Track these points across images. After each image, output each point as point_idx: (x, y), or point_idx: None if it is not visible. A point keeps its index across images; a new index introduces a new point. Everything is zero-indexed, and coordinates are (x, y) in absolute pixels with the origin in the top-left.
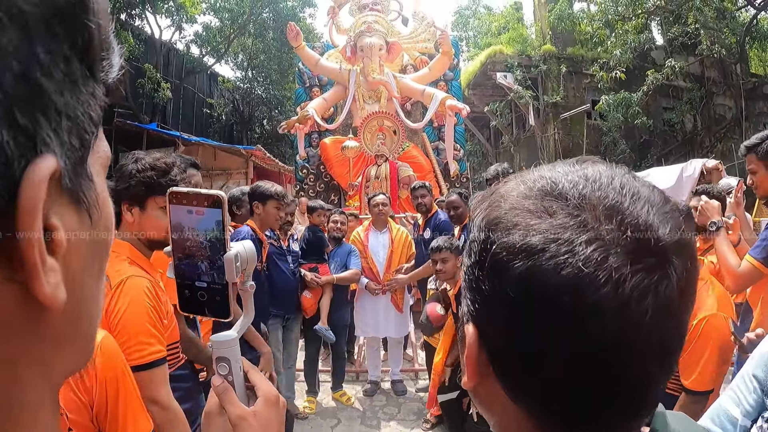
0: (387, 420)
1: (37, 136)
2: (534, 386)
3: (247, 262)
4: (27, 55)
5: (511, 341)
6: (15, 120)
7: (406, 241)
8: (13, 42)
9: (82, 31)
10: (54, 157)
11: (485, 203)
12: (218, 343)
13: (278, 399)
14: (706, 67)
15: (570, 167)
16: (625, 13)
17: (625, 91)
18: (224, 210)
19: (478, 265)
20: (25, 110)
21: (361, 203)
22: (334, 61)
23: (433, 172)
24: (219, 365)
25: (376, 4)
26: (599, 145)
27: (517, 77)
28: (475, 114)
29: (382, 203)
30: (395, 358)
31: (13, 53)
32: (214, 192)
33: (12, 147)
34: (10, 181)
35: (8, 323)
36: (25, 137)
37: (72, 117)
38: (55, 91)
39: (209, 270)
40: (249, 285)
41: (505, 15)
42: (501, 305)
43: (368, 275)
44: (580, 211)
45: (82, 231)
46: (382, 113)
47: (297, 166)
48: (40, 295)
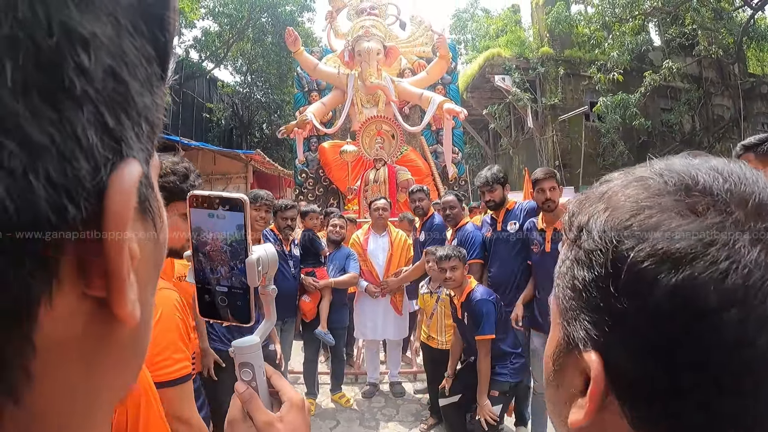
0: (385, 421)
1: (123, 139)
2: (675, 413)
3: (268, 265)
4: (118, 50)
5: (654, 367)
6: (103, 120)
7: (405, 245)
8: (107, 35)
9: (163, 30)
10: (139, 163)
11: (598, 205)
12: (241, 348)
13: (304, 403)
14: (704, 68)
15: (692, 160)
16: (622, 15)
17: (622, 93)
18: (247, 213)
19: (606, 280)
20: (113, 110)
21: (360, 207)
22: (333, 66)
23: (432, 176)
24: (242, 371)
25: (374, 8)
26: (598, 147)
27: (516, 80)
28: (474, 117)
29: (382, 208)
30: (394, 360)
31: (106, 48)
32: (237, 195)
33: (100, 150)
34: (97, 187)
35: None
36: (112, 140)
37: (149, 120)
38: (138, 92)
39: (230, 274)
40: (270, 289)
41: (502, 18)
42: (643, 325)
43: (368, 278)
44: (732, 208)
45: (149, 243)
46: (380, 117)
47: (296, 170)
48: (122, 312)
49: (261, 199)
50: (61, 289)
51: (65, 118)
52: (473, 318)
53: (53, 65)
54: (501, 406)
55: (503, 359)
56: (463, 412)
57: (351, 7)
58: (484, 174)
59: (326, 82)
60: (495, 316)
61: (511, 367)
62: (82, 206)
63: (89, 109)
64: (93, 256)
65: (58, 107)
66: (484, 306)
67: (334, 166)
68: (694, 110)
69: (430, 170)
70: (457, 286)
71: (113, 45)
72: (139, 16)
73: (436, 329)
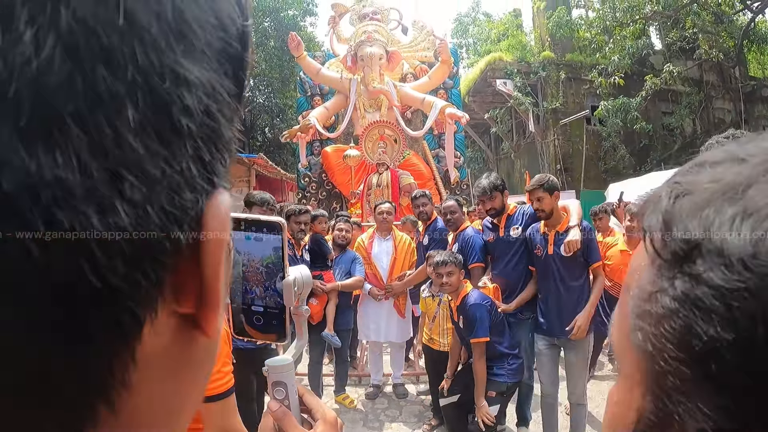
0: (389, 422)
1: (215, 171)
2: None
3: (303, 286)
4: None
5: None
6: (201, 155)
7: (409, 248)
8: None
9: (243, 69)
10: (227, 192)
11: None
12: (274, 368)
13: (336, 421)
14: (705, 71)
15: None
16: (623, 20)
17: (624, 97)
18: (284, 236)
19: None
20: (208, 145)
21: (363, 211)
22: (335, 71)
23: (434, 180)
24: (276, 389)
25: (376, 13)
26: (599, 151)
27: (517, 84)
28: (476, 120)
29: (387, 211)
30: (397, 362)
31: (203, 88)
32: (275, 218)
33: (199, 181)
34: (197, 215)
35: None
36: (207, 172)
37: (230, 152)
38: (225, 127)
39: (265, 294)
40: (304, 309)
41: (504, 22)
42: None
43: (372, 281)
44: None
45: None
46: (383, 122)
47: (299, 174)
48: (210, 327)
49: (267, 204)
50: (164, 306)
51: (173, 153)
52: (467, 322)
53: (165, 106)
54: (498, 406)
55: (500, 360)
56: (464, 413)
57: (353, 12)
58: (482, 183)
59: (329, 86)
60: (489, 320)
61: (508, 368)
62: (186, 232)
63: (191, 144)
64: (191, 277)
65: (168, 144)
66: (478, 310)
67: (337, 170)
68: (695, 114)
69: (432, 174)
70: (453, 291)
71: (208, 86)
72: (225, 58)
73: (437, 332)
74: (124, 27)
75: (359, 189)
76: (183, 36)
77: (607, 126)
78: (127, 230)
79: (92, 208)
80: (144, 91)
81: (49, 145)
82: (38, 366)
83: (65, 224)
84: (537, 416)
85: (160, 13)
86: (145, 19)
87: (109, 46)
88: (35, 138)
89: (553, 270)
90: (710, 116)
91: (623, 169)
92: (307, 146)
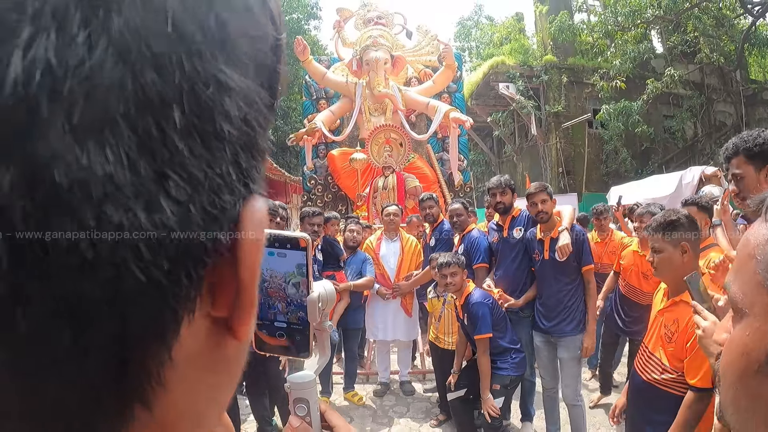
0: (397, 417)
1: (251, 177)
2: None
3: (327, 302)
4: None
5: None
6: (239, 160)
7: (416, 249)
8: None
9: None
10: (262, 198)
11: None
12: (296, 384)
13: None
14: (706, 75)
15: None
16: (624, 24)
17: (625, 100)
18: (308, 253)
19: None
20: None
21: (369, 213)
22: (341, 75)
23: (438, 183)
24: (297, 406)
25: (381, 18)
26: (601, 154)
27: (519, 87)
28: (479, 124)
29: (394, 213)
30: (404, 360)
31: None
32: (299, 234)
33: (237, 185)
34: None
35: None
36: (244, 177)
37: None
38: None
39: (288, 310)
40: (327, 325)
41: (506, 26)
42: None
43: (380, 281)
44: None
45: None
46: (388, 126)
47: (305, 177)
48: (242, 330)
49: (272, 211)
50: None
51: (215, 157)
52: (470, 319)
53: (208, 111)
54: (503, 399)
55: (503, 355)
56: (471, 408)
57: (358, 16)
58: (497, 177)
59: (334, 90)
60: (491, 317)
61: (512, 362)
62: (226, 233)
63: (231, 149)
64: (228, 280)
65: (210, 147)
66: (480, 308)
67: (343, 173)
68: (696, 117)
69: (437, 177)
70: (457, 290)
71: (248, 94)
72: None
73: (443, 330)
74: (172, 35)
75: (365, 192)
76: (225, 46)
77: (608, 129)
78: (173, 228)
79: (140, 204)
80: (190, 96)
81: (101, 142)
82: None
83: (114, 219)
84: (540, 413)
85: (204, 23)
86: (191, 28)
87: (158, 52)
88: (87, 135)
89: (549, 273)
90: (711, 119)
91: (625, 172)
92: (312, 149)
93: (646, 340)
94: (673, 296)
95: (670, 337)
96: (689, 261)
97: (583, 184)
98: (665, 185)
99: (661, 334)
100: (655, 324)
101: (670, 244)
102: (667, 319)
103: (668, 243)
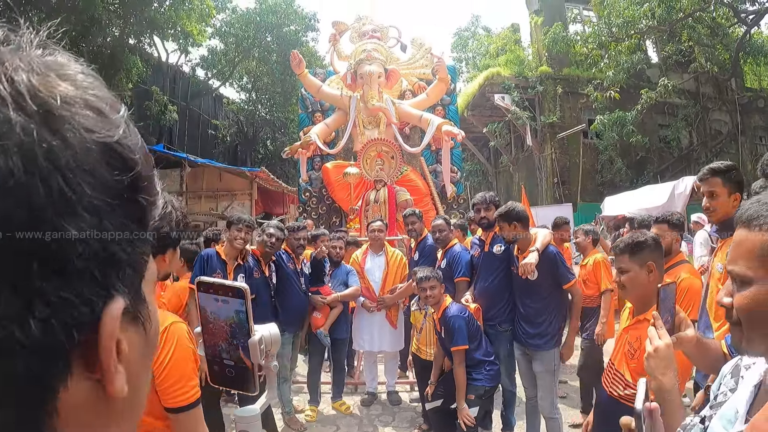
0: (382, 426)
1: (110, 285)
2: None
3: (271, 344)
4: (101, 231)
5: None
6: (95, 276)
7: (401, 263)
8: (92, 224)
9: (136, 205)
10: (122, 298)
11: None
12: (241, 417)
13: None
14: (701, 84)
15: None
16: (618, 35)
17: (620, 111)
18: (247, 300)
19: None
20: (102, 269)
21: (362, 226)
22: (336, 88)
23: (431, 195)
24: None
25: (376, 31)
26: (596, 164)
27: (515, 98)
28: (475, 134)
29: (378, 229)
30: (390, 371)
31: (92, 233)
32: (238, 284)
33: (93, 297)
34: (95, 318)
35: (91, 406)
36: (101, 288)
37: (132, 265)
38: (121, 251)
39: (229, 349)
40: (273, 365)
41: (502, 37)
42: None
43: (366, 294)
44: None
45: (139, 340)
46: (380, 140)
47: (300, 189)
48: (112, 391)
49: (242, 222)
50: (73, 376)
51: (71, 285)
52: (447, 332)
53: (62, 258)
54: (477, 408)
55: (478, 366)
56: (452, 419)
57: (353, 30)
58: (482, 194)
59: (329, 103)
60: (466, 330)
61: (486, 373)
62: (84, 332)
63: (86, 274)
64: (94, 357)
65: (65, 280)
66: (456, 321)
67: (337, 186)
68: (691, 126)
69: (429, 190)
70: (436, 303)
71: (97, 228)
72: (115, 205)
73: (425, 342)
74: (19, 194)
75: (358, 205)
76: (67, 199)
77: (603, 139)
78: (38, 338)
79: (16, 324)
80: (42, 245)
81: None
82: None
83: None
84: (522, 422)
85: (49, 183)
86: (35, 188)
87: (4, 212)
88: None
89: (523, 288)
90: (707, 128)
91: (620, 182)
92: (307, 162)
93: (613, 357)
94: (638, 315)
95: (632, 354)
96: (654, 280)
97: (578, 194)
98: (658, 195)
99: (625, 350)
100: (621, 341)
101: (637, 263)
102: (631, 336)
103: (634, 263)
